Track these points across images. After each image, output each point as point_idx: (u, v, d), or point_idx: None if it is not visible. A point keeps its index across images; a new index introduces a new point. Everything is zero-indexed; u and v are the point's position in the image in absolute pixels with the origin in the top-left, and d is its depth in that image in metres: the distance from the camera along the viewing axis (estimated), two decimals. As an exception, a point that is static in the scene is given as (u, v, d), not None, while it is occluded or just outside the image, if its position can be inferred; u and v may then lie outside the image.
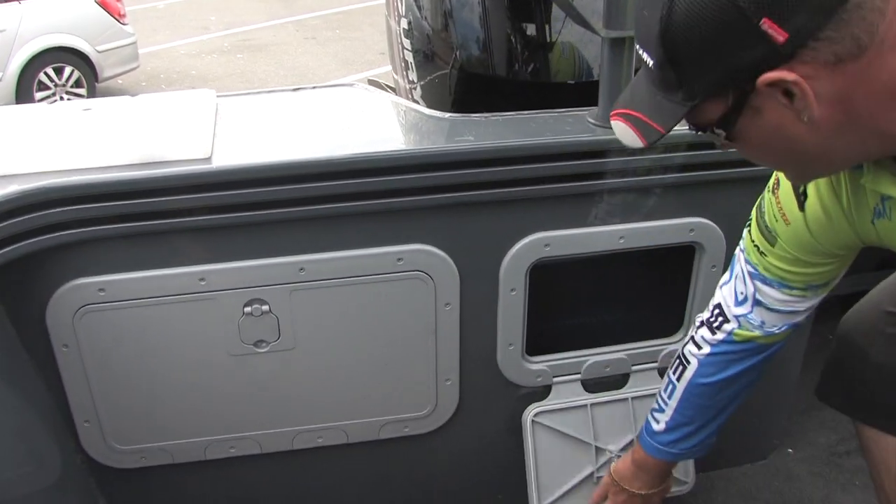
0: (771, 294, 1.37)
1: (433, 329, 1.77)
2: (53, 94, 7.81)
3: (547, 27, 2.10)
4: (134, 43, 8.31)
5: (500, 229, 1.72)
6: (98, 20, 7.94)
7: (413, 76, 2.41)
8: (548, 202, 1.71)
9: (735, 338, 1.46)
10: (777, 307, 1.38)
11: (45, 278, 1.57)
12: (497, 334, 1.82)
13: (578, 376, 1.91)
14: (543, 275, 1.80)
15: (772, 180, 1.28)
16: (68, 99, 7.76)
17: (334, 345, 1.75)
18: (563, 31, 2.11)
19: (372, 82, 3.34)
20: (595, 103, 1.74)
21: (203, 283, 1.62)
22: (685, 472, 2.03)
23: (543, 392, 1.92)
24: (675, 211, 1.78)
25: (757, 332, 1.43)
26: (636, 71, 2.05)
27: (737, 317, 1.44)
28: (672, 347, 1.93)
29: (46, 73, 7.75)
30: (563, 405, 1.92)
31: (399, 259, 1.68)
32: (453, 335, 1.79)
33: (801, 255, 1.28)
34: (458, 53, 2.14)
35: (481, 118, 1.77)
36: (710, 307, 1.50)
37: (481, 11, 2.10)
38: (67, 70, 7.86)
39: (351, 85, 1.99)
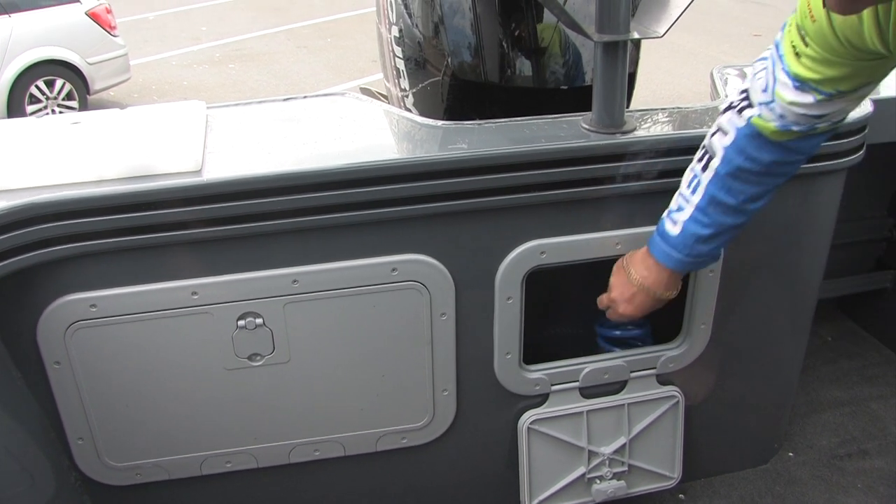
0: (799, 100, 1.32)
1: (429, 339, 1.75)
2: (45, 108, 7.80)
3: (539, 32, 2.09)
4: (125, 55, 8.31)
5: (494, 237, 1.70)
6: (89, 32, 7.94)
7: (405, 84, 2.40)
8: (543, 209, 1.69)
9: (754, 125, 1.41)
10: (802, 111, 1.34)
11: (35, 295, 1.55)
12: (494, 343, 1.81)
13: (577, 384, 1.90)
14: (539, 282, 1.78)
15: None
16: (60, 112, 7.74)
17: (329, 357, 1.73)
18: (555, 36, 2.10)
19: (364, 90, 3.33)
20: (589, 108, 1.72)
21: (196, 297, 1.60)
22: (671, 467, 2.03)
23: (541, 399, 1.91)
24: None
25: (774, 125, 1.39)
26: (630, 75, 2.05)
27: (759, 104, 1.40)
28: (671, 354, 1.92)
29: (38, 87, 7.75)
30: (560, 412, 1.91)
31: (393, 269, 1.66)
32: (449, 345, 1.77)
33: (829, 54, 1.23)
34: (449, 60, 2.13)
35: (474, 125, 1.76)
36: (739, 92, 1.46)
37: (473, 18, 2.09)
38: (59, 83, 7.86)
39: (342, 94, 1.98)
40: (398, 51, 2.41)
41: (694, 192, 1.52)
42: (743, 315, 1.98)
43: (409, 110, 2.42)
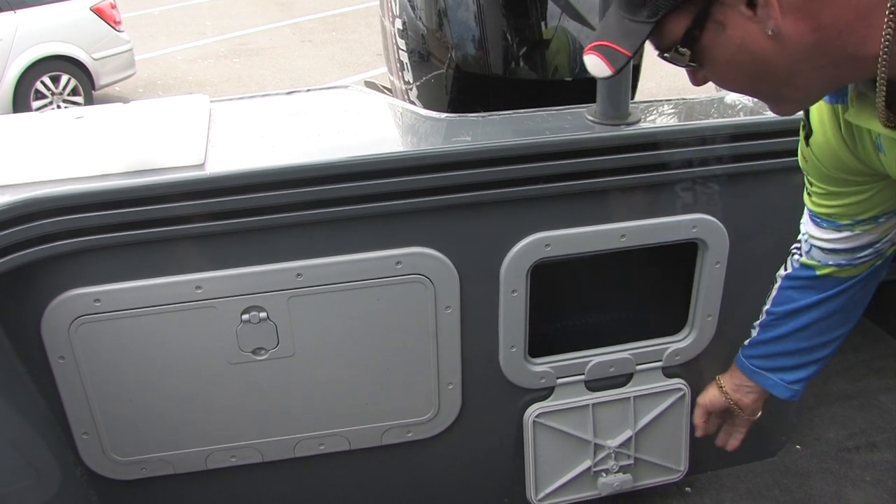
0: (820, 235, 1.38)
1: (434, 333, 1.75)
2: (51, 103, 7.80)
3: (543, 24, 2.08)
4: (130, 50, 8.31)
5: (499, 230, 1.70)
6: (94, 28, 7.93)
7: (409, 77, 2.39)
8: (547, 201, 1.68)
9: (803, 263, 1.47)
10: (827, 246, 1.39)
11: (39, 290, 1.55)
12: (499, 336, 1.80)
13: (582, 377, 1.89)
14: (544, 275, 1.78)
15: None
16: (65, 107, 7.75)
17: (334, 351, 1.73)
18: (560, 28, 2.09)
19: (369, 84, 3.32)
20: (593, 100, 1.71)
21: (199, 291, 1.60)
22: (678, 460, 2.02)
23: (547, 393, 1.90)
24: (676, 208, 1.76)
25: (818, 263, 1.44)
26: (635, 66, 2.04)
27: (805, 251, 1.45)
28: (677, 346, 1.91)
29: (43, 82, 7.74)
30: (565, 405, 1.90)
31: (398, 263, 1.66)
32: (454, 338, 1.77)
33: (828, 186, 1.29)
34: (453, 53, 2.12)
35: (478, 118, 1.75)
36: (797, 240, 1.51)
37: (476, 10, 2.08)
38: (64, 78, 7.86)
39: (346, 87, 1.97)
40: (402, 44, 2.40)
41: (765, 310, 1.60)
42: (750, 307, 1.96)
43: (413, 103, 2.41)
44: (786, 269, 1.53)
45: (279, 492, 1.91)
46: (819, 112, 1.16)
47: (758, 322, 1.61)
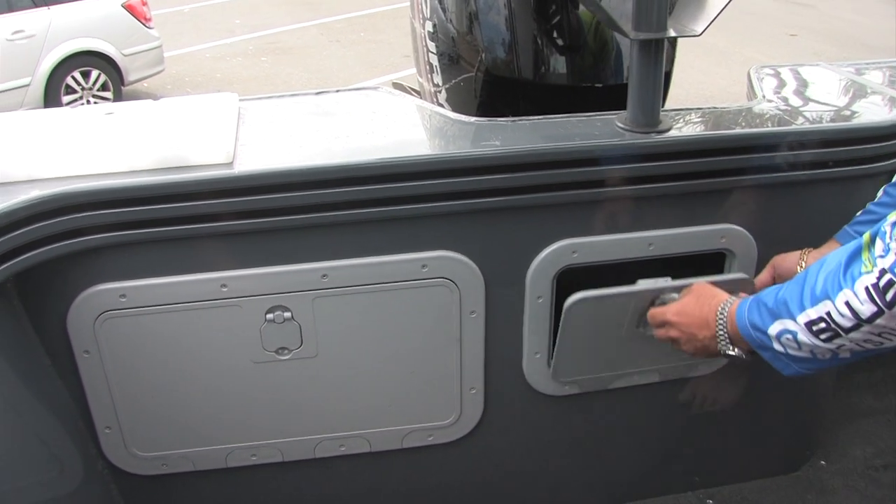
0: None
1: (458, 337, 1.74)
2: (80, 98, 7.89)
3: (574, 29, 2.07)
4: (159, 46, 8.40)
5: (526, 236, 1.69)
6: (124, 24, 8.04)
7: (438, 79, 2.39)
8: (575, 208, 1.67)
9: None
10: None
11: (66, 284, 1.56)
12: (523, 343, 1.79)
13: (605, 385, 1.87)
14: (571, 282, 1.76)
15: None
16: (95, 102, 7.83)
17: (357, 352, 1.73)
18: (591, 33, 2.08)
19: (396, 85, 3.32)
20: (623, 107, 1.70)
21: (225, 289, 1.60)
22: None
23: (570, 399, 1.88)
24: (705, 217, 1.74)
25: None
26: (666, 73, 2.02)
27: None
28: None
29: (74, 77, 7.84)
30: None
31: (423, 266, 1.65)
32: (478, 343, 1.76)
33: None
34: (483, 56, 2.11)
35: (507, 122, 1.74)
36: None
37: (507, 13, 2.07)
38: (94, 74, 7.96)
39: (375, 88, 1.97)
40: (432, 46, 2.40)
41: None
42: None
43: (442, 106, 2.41)
44: None
45: (298, 492, 1.91)
46: None
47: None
